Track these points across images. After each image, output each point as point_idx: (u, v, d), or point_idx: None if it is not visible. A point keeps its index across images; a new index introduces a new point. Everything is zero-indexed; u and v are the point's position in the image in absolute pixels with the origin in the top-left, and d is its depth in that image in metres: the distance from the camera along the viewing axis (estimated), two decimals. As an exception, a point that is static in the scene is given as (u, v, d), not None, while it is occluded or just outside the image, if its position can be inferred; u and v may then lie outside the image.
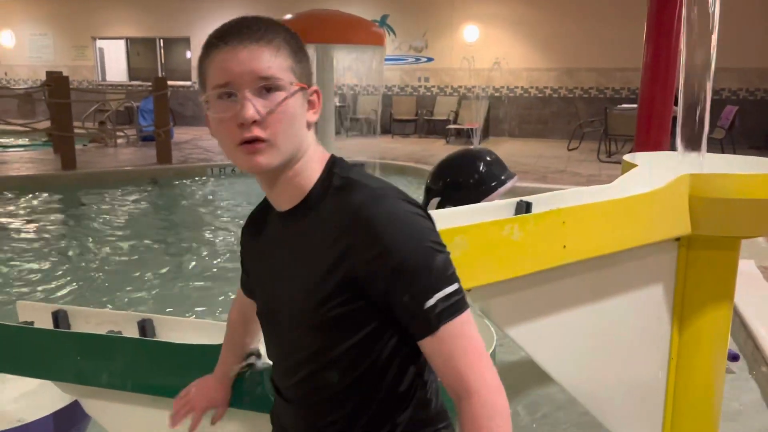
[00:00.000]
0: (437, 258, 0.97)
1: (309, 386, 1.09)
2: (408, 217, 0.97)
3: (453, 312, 0.96)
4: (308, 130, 1.05)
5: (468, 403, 0.94)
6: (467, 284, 1.38)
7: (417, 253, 0.95)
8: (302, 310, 1.04)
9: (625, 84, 12.98)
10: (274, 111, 0.96)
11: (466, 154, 4.20)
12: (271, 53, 0.96)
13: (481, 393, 0.94)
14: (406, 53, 14.37)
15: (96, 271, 5.16)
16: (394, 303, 0.97)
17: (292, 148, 1.00)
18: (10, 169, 9.12)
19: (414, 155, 10.58)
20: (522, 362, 3.04)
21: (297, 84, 0.99)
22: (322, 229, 1.01)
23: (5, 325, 1.66)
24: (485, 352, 0.98)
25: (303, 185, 1.04)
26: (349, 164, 1.08)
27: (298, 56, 1.01)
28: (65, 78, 9.40)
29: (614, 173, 9.53)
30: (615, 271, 1.71)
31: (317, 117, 1.05)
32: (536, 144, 12.61)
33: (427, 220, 1.01)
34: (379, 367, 1.04)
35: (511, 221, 1.41)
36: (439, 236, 1.00)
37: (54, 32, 16.87)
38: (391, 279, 0.95)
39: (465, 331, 0.97)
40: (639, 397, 1.92)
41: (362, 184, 1.01)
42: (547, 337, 1.62)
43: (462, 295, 0.98)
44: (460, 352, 0.96)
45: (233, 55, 0.95)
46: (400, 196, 1.00)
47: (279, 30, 1.00)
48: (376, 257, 0.95)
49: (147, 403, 1.56)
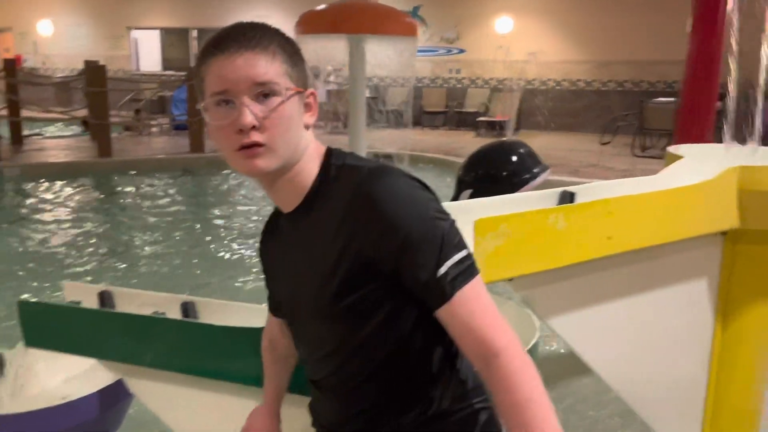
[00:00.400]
0: (443, 226, 0.97)
1: (338, 378, 1.10)
2: (408, 191, 0.98)
3: (467, 277, 0.97)
4: (306, 132, 1.06)
5: (497, 362, 0.94)
6: (510, 273, 1.38)
7: (422, 225, 0.96)
8: (319, 305, 1.05)
9: (662, 77, 12.71)
10: (270, 116, 0.98)
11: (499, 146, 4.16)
12: (266, 59, 0.97)
13: (509, 349, 0.94)
14: (438, 44, 14.28)
15: (130, 254, 5.28)
16: (406, 277, 0.98)
17: (289, 151, 1.02)
18: (49, 155, 9.34)
19: (443, 147, 10.54)
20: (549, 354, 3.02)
21: (293, 88, 1.00)
22: (325, 220, 1.02)
23: (53, 305, 1.71)
24: (501, 314, 0.98)
25: (303, 184, 1.06)
26: (344, 153, 1.08)
27: (293, 60, 1.02)
28: (102, 67, 9.58)
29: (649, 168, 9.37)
30: (658, 263, 1.68)
31: (315, 119, 1.05)
32: (568, 137, 12.44)
33: (427, 191, 1.01)
34: (403, 348, 1.04)
35: (556, 210, 1.39)
36: (441, 206, 1.01)
37: (91, 22, 17.18)
38: (399, 254, 0.96)
39: (480, 294, 0.98)
40: (678, 393, 1.89)
41: (357, 166, 1.03)
42: (588, 329, 1.60)
43: (472, 260, 0.99)
44: (479, 314, 0.96)
45: (230, 62, 0.96)
46: (396, 171, 1.01)
47: (274, 36, 1.01)
48: (381, 235, 0.96)
49: (189, 384, 1.59)
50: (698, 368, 1.90)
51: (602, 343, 1.65)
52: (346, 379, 1.09)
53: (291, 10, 14.26)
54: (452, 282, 0.95)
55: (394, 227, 0.95)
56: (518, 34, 13.41)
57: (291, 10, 14.20)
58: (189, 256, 5.30)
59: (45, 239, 5.68)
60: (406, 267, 0.97)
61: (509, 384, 0.93)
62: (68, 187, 7.88)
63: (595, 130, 12.52)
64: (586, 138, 12.24)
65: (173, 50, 17.05)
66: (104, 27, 16.99)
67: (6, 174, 8.24)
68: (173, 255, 5.28)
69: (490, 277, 1.31)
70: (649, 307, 1.71)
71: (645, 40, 12.39)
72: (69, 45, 17.47)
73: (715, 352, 1.90)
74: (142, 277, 4.70)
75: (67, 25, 17.40)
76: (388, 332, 1.03)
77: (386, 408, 1.07)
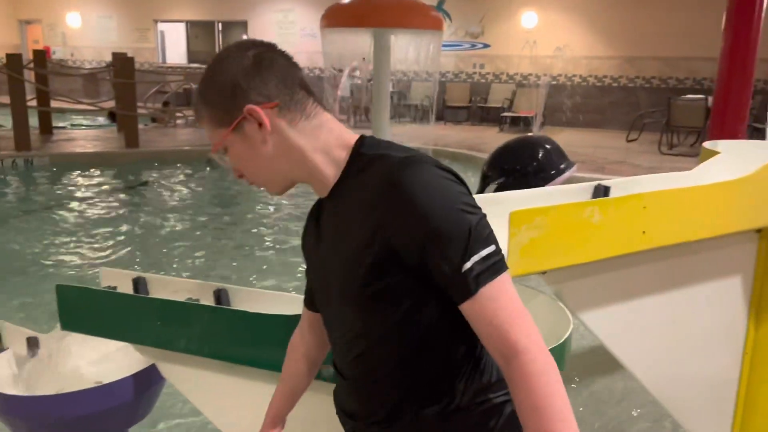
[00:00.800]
0: (471, 220, 0.95)
1: (362, 365, 1.11)
2: (438, 182, 0.97)
3: (492, 274, 0.95)
4: (286, 146, 1.05)
5: (517, 362, 0.93)
6: (544, 266, 1.37)
7: (450, 217, 0.94)
8: (346, 290, 1.06)
9: (691, 74, 12.50)
10: (236, 165, 1.08)
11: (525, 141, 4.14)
12: (202, 125, 1.09)
13: (531, 350, 0.92)
14: (462, 39, 14.20)
15: (155, 243, 5.35)
16: (431, 269, 0.97)
17: (279, 173, 1.08)
18: (77, 146, 9.50)
19: (466, 142, 10.50)
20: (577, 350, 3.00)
21: (223, 134, 1.05)
22: (357, 207, 1.02)
23: (90, 289, 1.74)
24: (527, 313, 0.96)
25: (328, 176, 1.07)
26: (377, 141, 1.08)
27: (211, 106, 1.06)
28: (131, 59, 9.70)
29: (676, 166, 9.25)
30: (692, 260, 1.67)
31: (270, 127, 1.03)
32: (593, 134, 12.31)
33: (459, 184, 1.00)
34: (427, 340, 1.04)
35: (591, 204, 1.39)
36: (473, 199, 0.99)
37: (118, 15, 17.39)
38: (426, 244, 0.95)
39: (505, 291, 0.96)
40: (709, 391, 1.88)
41: (389, 155, 1.02)
42: (620, 324, 1.59)
43: (500, 256, 0.97)
44: (503, 312, 0.94)
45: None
46: (429, 161, 1.00)
47: (200, 96, 1.08)
48: (409, 223, 0.95)
49: (221, 369, 1.62)
50: (730, 366, 1.88)
51: (633, 338, 1.64)
52: (369, 367, 1.10)
53: (314, 4, 14.30)
54: (477, 278, 0.94)
55: (421, 218, 0.94)
56: (544, 30, 13.27)
57: (314, 3, 14.24)
58: (213, 246, 5.36)
59: (73, 227, 5.79)
60: (431, 259, 0.96)
61: (528, 386, 0.92)
62: (96, 177, 8.02)
63: (621, 127, 12.36)
64: (612, 135, 12.10)
65: (198, 43, 17.19)
66: (131, 19, 17.19)
67: (36, 163, 8.40)
68: (197, 246, 5.34)
69: (524, 270, 1.32)
70: (682, 304, 1.69)
71: (674, 36, 12.18)
72: (97, 37, 17.71)
73: (748, 350, 1.88)
74: (167, 265, 4.76)
75: (96, 17, 17.63)
76: (413, 323, 1.03)
77: (408, 399, 1.07)
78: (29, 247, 5.19)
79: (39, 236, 5.48)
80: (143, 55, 17.09)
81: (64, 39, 18.01)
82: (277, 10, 15.53)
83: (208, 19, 16.56)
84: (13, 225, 5.81)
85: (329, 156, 1.06)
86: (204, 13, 16.52)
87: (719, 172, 1.63)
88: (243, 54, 1.04)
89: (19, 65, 8.79)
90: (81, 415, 1.79)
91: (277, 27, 15.56)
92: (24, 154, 8.40)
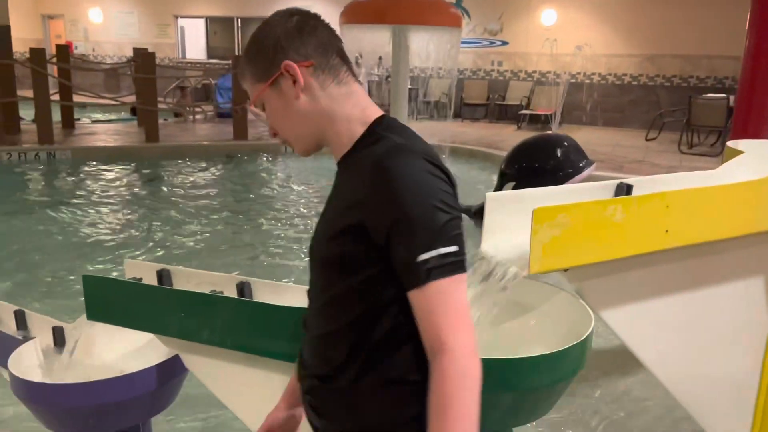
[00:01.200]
0: (442, 217, 1.00)
1: (319, 319, 1.17)
2: (421, 174, 1.01)
3: (445, 271, 0.99)
4: (316, 106, 1.12)
5: (440, 360, 0.97)
6: (565, 263, 1.38)
7: (422, 208, 0.99)
8: (317, 245, 1.15)
9: (712, 72, 12.33)
10: (270, 119, 1.16)
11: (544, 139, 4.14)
12: (244, 83, 1.17)
13: (455, 351, 0.97)
14: (480, 36, 14.14)
15: (177, 235, 5.41)
16: (392, 252, 1.02)
17: (305, 133, 1.15)
18: (99, 140, 9.62)
19: (484, 140, 10.46)
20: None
21: (261, 87, 1.13)
22: (351, 178, 1.10)
23: (117, 280, 1.78)
24: (468, 317, 1.01)
25: (344, 144, 1.14)
26: (392, 123, 1.13)
27: (255, 61, 1.14)
28: (152, 54, 9.79)
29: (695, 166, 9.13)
30: (715, 260, 1.66)
31: (304, 83, 1.11)
32: (612, 132, 12.20)
33: (443, 182, 1.04)
34: (378, 315, 1.08)
35: (614, 202, 1.39)
36: (453, 199, 1.03)
37: (139, 10, 17.54)
38: (393, 228, 1.00)
39: (453, 292, 0.99)
40: (730, 391, 1.86)
41: (390, 138, 1.07)
42: (641, 323, 1.59)
43: (461, 258, 1.01)
44: (442, 309, 0.99)
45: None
46: (422, 153, 1.04)
47: (244, 56, 1.17)
48: (383, 206, 1.00)
49: (243, 361, 1.64)
50: (751, 367, 1.87)
51: (654, 337, 1.64)
52: (324, 321, 1.16)
53: (333, 1, 14.30)
54: (429, 270, 0.98)
55: (394, 203, 0.99)
56: (563, 27, 13.17)
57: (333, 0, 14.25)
58: (233, 240, 5.41)
59: (94, 219, 5.87)
60: (394, 243, 1.01)
61: (441, 384, 0.96)
62: (117, 171, 8.12)
63: (640, 126, 12.24)
64: (631, 133, 11.99)
65: (218, 39, 17.30)
66: (152, 15, 17.33)
67: (58, 156, 8.53)
68: (217, 240, 5.39)
69: (546, 267, 1.32)
70: (703, 304, 1.68)
71: (695, 34, 12.03)
72: (118, 32, 17.88)
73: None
74: (187, 259, 4.82)
75: (117, 12, 17.80)
76: (368, 293, 1.08)
77: (354, 362, 1.11)
78: (52, 238, 5.28)
79: (61, 228, 5.57)
80: (163, 51, 17.22)
81: (86, 34, 18.21)
82: (297, 6, 15.55)
83: (228, 15, 16.65)
84: (35, 216, 5.90)
85: (349, 126, 1.13)
86: (224, 9, 16.61)
87: (743, 172, 1.62)
88: (288, 18, 1.13)
89: (43, 60, 8.91)
90: (105, 404, 1.82)
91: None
92: (47, 147, 8.53)
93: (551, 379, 1.34)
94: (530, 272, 1.30)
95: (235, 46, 16.80)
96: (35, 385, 1.83)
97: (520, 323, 1.67)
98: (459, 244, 1.01)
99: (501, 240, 1.46)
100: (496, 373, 1.32)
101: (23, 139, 9.00)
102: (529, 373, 1.31)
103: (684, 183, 1.54)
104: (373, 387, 1.10)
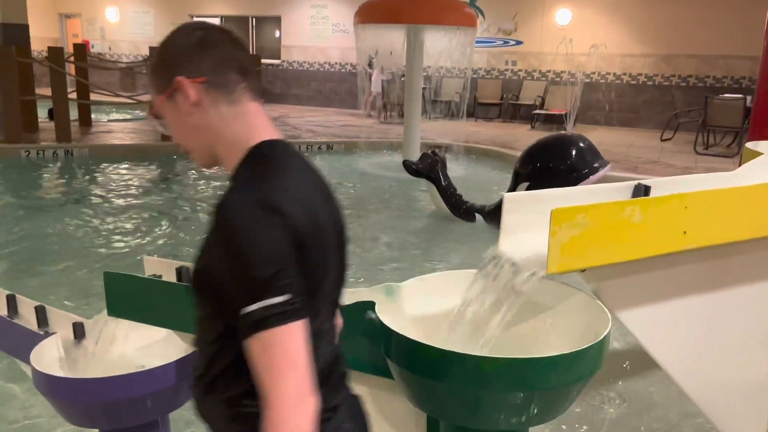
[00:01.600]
0: (266, 270, 0.98)
1: (197, 332, 1.21)
2: (248, 227, 0.99)
3: (272, 322, 0.98)
4: (206, 123, 1.12)
5: (264, 411, 0.99)
6: (583, 264, 1.38)
7: (246, 260, 0.98)
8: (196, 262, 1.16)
9: (729, 72, 12.22)
10: (168, 129, 1.18)
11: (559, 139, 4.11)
12: (150, 92, 1.18)
13: (275, 406, 0.98)
14: (495, 36, 14.11)
15: (193, 232, 5.45)
16: (226, 298, 1.02)
17: (199, 146, 1.16)
18: (115, 138, 9.72)
19: (498, 140, 10.44)
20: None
21: (158, 99, 1.15)
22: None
23: (137, 277, 1.80)
24: (300, 363, 0.99)
25: (230, 165, 1.14)
26: (268, 152, 1.12)
27: (154, 74, 1.16)
28: (167, 53, 9.84)
29: (711, 166, 9.02)
30: (732, 261, 1.66)
31: (194, 99, 1.11)
32: (627, 133, 12.13)
33: (278, 229, 1.01)
34: (222, 344, 1.11)
35: (632, 203, 1.39)
36: (284, 248, 1.01)
37: (155, 10, 17.69)
38: (225, 276, 1.01)
39: (281, 342, 0.98)
40: (748, 395, 1.86)
41: (244, 176, 1.09)
42: (658, 323, 1.59)
43: (292, 307, 0.99)
44: (265, 362, 0.99)
45: None
46: (260, 201, 1.02)
47: (148, 66, 1.21)
48: (218, 251, 1.02)
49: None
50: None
51: (671, 339, 1.64)
52: (198, 336, 1.21)
53: (348, 0, 14.34)
54: (255, 323, 0.98)
55: (225, 254, 1.00)
56: (577, 27, 13.12)
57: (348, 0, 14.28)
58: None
59: (111, 216, 5.93)
60: (227, 290, 1.01)
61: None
62: (133, 168, 8.19)
63: (655, 126, 12.17)
64: (646, 134, 11.91)
65: (232, 38, 17.37)
66: (168, 14, 17.46)
67: (75, 154, 8.62)
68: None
69: (563, 267, 1.33)
70: (722, 306, 1.68)
71: (711, 34, 11.93)
72: (134, 31, 18.03)
73: (787, 354, 1.85)
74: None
75: (133, 12, 17.96)
76: (213, 323, 1.12)
77: (203, 381, 1.17)
78: (70, 235, 5.34)
79: (79, 225, 5.63)
80: (178, 50, 17.30)
81: (103, 33, 18.39)
82: (310, 6, 15.63)
83: (242, 14, 16.74)
84: (53, 213, 5.97)
85: (233, 149, 1.14)
86: (238, 8, 16.70)
87: (763, 173, 1.61)
88: (191, 32, 1.14)
89: (61, 58, 9.01)
90: (125, 398, 1.84)
91: (311, 22, 15.65)
92: (64, 145, 8.63)
93: (569, 378, 1.35)
94: (548, 272, 1.31)
95: (250, 45, 16.87)
96: (57, 380, 1.85)
97: (537, 323, 1.68)
98: (293, 293, 1.00)
99: (518, 240, 1.47)
100: (513, 373, 1.33)
101: (41, 137, 9.11)
102: (547, 373, 1.31)
103: (703, 184, 1.54)
104: (216, 404, 1.16)
